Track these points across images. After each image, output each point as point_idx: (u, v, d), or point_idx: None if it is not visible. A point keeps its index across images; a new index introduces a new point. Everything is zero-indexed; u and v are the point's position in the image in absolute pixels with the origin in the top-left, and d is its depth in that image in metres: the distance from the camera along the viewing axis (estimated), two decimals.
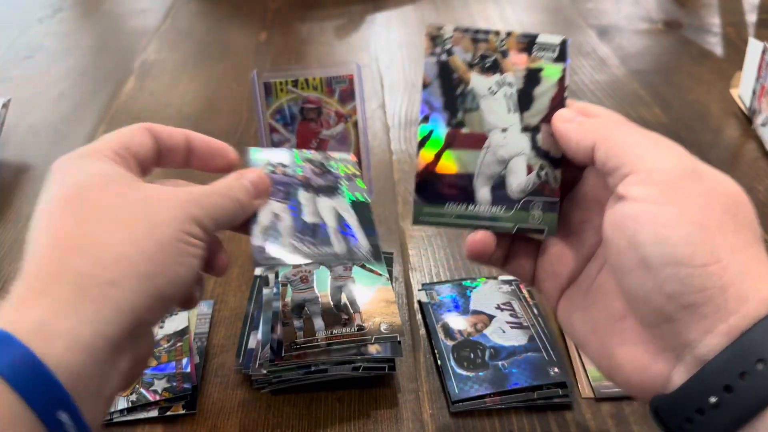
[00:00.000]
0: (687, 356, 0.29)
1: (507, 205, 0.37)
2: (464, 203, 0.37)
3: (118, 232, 0.31)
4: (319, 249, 0.41)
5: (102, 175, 0.34)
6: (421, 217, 0.37)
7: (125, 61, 1.02)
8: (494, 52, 0.37)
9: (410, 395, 0.47)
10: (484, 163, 0.37)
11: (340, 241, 0.42)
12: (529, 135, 0.37)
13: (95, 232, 0.31)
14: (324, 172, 0.47)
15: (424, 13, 1.15)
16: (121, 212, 0.32)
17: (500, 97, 0.37)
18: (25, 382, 0.27)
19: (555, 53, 0.37)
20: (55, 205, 0.33)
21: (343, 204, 0.45)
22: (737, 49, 0.98)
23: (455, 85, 0.37)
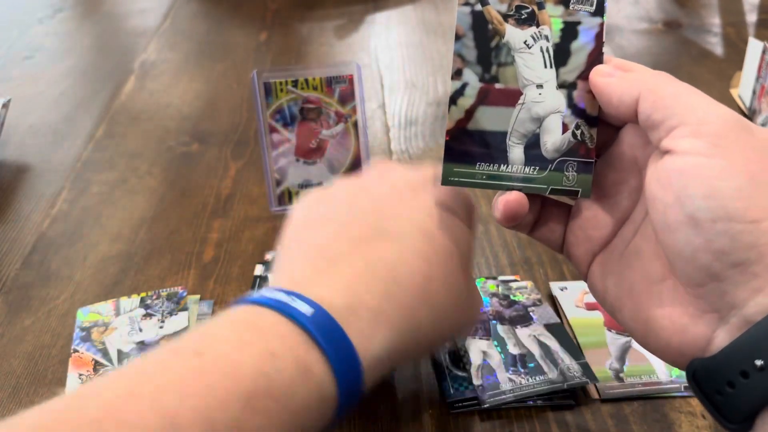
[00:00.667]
0: (733, 317, 0.28)
1: (541, 165, 0.35)
2: (496, 163, 0.36)
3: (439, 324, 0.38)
4: (534, 378, 0.45)
5: None
6: (451, 178, 0.36)
7: (125, 61, 1.02)
8: (531, 3, 0.35)
9: (410, 395, 0.47)
10: (518, 121, 0.35)
11: (551, 367, 0.46)
12: (566, 92, 0.35)
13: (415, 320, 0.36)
14: (511, 303, 0.52)
15: (424, 13, 1.15)
16: None
17: (536, 51, 0.35)
18: (346, 388, 0.32)
19: (593, 6, 0.35)
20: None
21: (540, 330, 0.49)
22: (737, 49, 0.98)
23: (490, 37, 0.35)
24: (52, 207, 0.69)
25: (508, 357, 0.48)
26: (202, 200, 0.69)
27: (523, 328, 0.50)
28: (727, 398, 0.28)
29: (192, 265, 0.60)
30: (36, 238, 0.64)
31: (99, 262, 0.61)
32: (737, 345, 0.27)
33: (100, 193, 0.71)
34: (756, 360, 0.26)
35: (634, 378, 0.47)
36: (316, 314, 0.31)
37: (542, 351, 0.48)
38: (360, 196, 0.40)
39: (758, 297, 0.27)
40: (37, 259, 0.61)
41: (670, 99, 0.31)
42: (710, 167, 0.28)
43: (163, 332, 0.52)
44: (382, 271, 0.35)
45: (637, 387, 0.47)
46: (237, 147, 0.79)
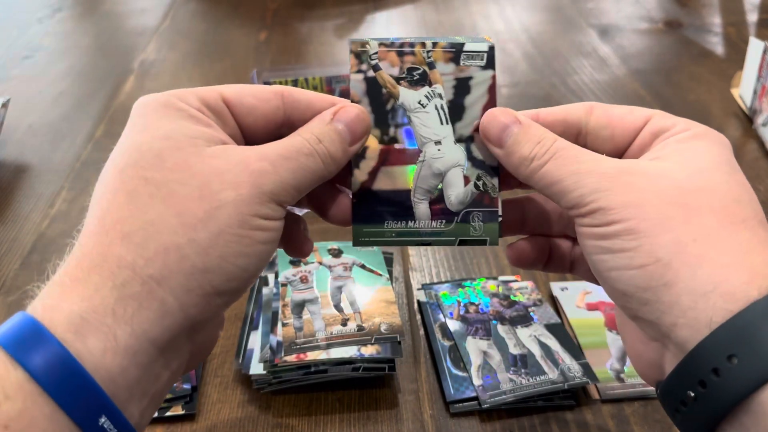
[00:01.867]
0: (669, 345, 0.29)
1: (447, 218, 0.36)
2: (403, 220, 0.36)
3: (170, 217, 0.27)
4: (535, 378, 0.46)
5: (170, 138, 0.29)
6: (361, 238, 0.36)
7: (125, 60, 1.02)
8: (421, 64, 0.35)
9: (410, 396, 0.47)
10: (420, 178, 0.36)
11: (552, 367, 0.46)
12: (464, 145, 0.36)
13: (146, 213, 0.27)
14: (511, 303, 0.52)
15: (425, 13, 1.15)
16: (179, 189, 0.27)
17: (431, 109, 0.36)
18: (61, 387, 0.24)
19: (483, 60, 0.35)
20: (114, 172, 0.28)
21: (540, 330, 0.50)
22: (738, 48, 0.98)
23: (385, 101, 0.35)
24: (51, 207, 0.69)
25: (509, 357, 0.48)
26: None
27: (524, 328, 0.50)
28: (681, 421, 0.29)
29: None
30: (35, 237, 0.64)
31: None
32: (673, 375, 0.29)
33: None
34: (688, 391, 0.27)
35: (634, 378, 0.47)
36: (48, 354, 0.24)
37: (542, 351, 0.48)
38: None
39: (677, 330, 0.28)
40: (36, 259, 0.61)
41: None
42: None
43: None
44: None
45: (638, 387, 0.46)
46: None
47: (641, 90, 0.88)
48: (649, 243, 0.28)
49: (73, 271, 0.27)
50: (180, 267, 0.27)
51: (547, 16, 1.14)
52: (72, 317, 0.25)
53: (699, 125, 0.33)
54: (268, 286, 0.53)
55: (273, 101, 0.32)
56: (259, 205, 0.28)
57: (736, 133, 0.77)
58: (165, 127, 0.29)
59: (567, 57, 0.98)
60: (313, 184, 0.31)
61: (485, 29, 1.09)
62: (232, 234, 0.27)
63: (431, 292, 0.55)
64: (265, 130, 0.33)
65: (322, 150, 0.31)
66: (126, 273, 0.26)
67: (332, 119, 0.32)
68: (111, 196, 0.28)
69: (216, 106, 0.31)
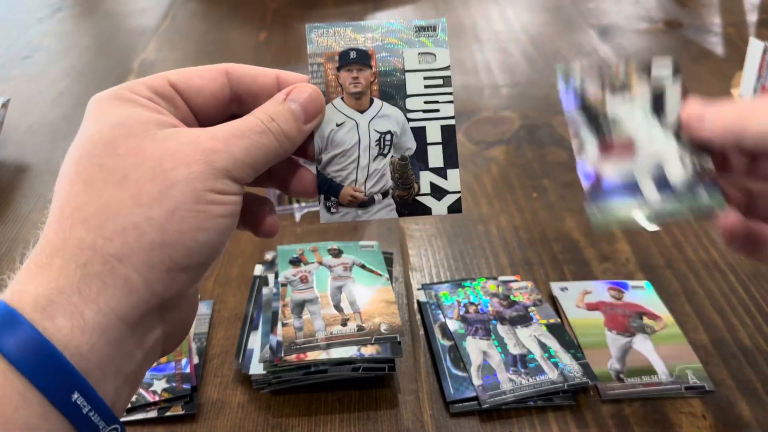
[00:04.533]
0: None
1: (673, 195, 0.39)
2: (635, 200, 0.39)
3: (125, 199, 0.28)
4: (535, 378, 0.46)
5: (122, 125, 0.29)
6: (599, 222, 0.39)
7: (125, 60, 1.02)
8: (619, 78, 0.40)
9: (410, 396, 0.47)
10: (640, 164, 0.40)
11: (551, 367, 0.47)
12: (672, 132, 0.39)
13: (102, 198, 0.28)
14: (511, 303, 0.52)
15: (425, 13, 1.15)
16: (133, 172, 0.28)
17: (636, 109, 0.40)
18: (32, 364, 0.25)
19: (670, 71, 0.39)
20: (70, 163, 0.29)
21: (540, 330, 0.50)
22: (738, 48, 0.98)
23: (595, 109, 0.40)
24: None
25: (508, 357, 0.48)
26: None
27: (524, 328, 0.50)
28: None
29: None
30: (35, 237, 0.64)
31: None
32: None
33: None
34: None
35: (634, 378, 0.47)
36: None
37: (542, 351, 0.48)
38: None
39: None
40: None
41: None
42: None
43: None
44: None
45: (638, 387, 0.46)
46: None
47: None
48: None
49: (37, 258, 0.28)
50: (140, 244, 0.27)
51: (547, 16, 1.14)
52: (39, 298, 0.26)
53: None
54: (268, 286, 0.53)
55: (218, 79, 0.33)
56: (212, 180, 0.29)
57: None
58: (116, 117, 0.30)
59: (567, 57, 0.98)
60: (268, 161, 0.31)
61: (485, 29, 1.09)
62: (187, 210, 0.28)
63: (431, 292, 0.55)
64: (215, 109, 0.33)
65: (275, 128, 0.31)
66: (87, 253, 0.27)
67: (285, 98, 0.33)
68: (69, 186, 0.29)
69: (165, 92, 0.32)
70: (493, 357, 0.48)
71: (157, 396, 0.47)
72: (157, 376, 0.48)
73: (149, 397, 0.46)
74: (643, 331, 0.51)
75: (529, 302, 0.53)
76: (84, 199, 0.28)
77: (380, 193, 0.36)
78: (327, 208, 0.36)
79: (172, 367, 0.49)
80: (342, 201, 0.36)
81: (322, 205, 0.36)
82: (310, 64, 0.36)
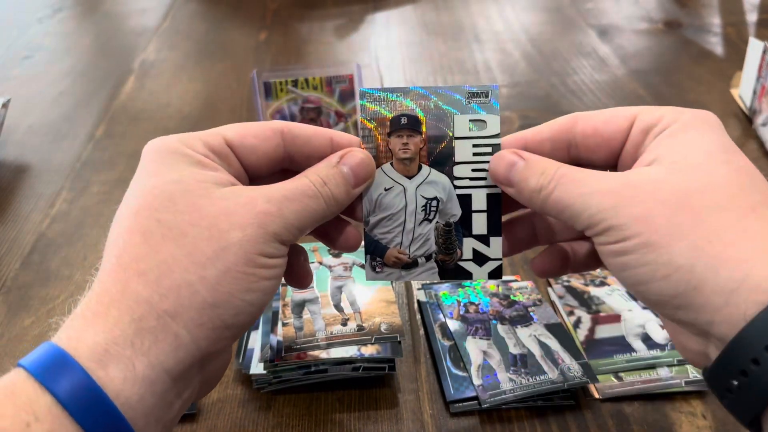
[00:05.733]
0: (711, 338, 0.30)
1: (658, 348, 0.48)
2: (627, 353, 0.48)
3: (182, 256, 0.29)
4: (536, 378, 0.46)
5: (180, 182, 0.30)
6: (598, 372, 0.47)
7: (125, 60, 1.02)
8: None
9: (410, 395, 0.47)
10: (627, 328, 0.50)
11: (551, 367, 0.47)
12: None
13: (159, 254, 0.29)
14: (511, 303, 0.53)
15: (424, 13, 1.15)
16: (190, 230, 0.29)
17: (615, 295, 0.52)
18: (85, 411, 0.26)
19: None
20: (129, 214, 0.30)
21: (540, 330, 0.50)
22: (737, 49, 0.98)
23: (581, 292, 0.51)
24: (51, 207, 0.69)
25: (508, 357, 0.48)
26: None
27: (524, 328, 0.50)
28: (729, 404, 0.29)
29: None
30: (35, 238, 0.64)
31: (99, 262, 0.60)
32: (719, 364, 0.29)
33: (100, 193, 0.71)
34: (731, 380, 0.28)
35: (633, 376, 0.47)
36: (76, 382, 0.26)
37: (542, 351, 0.48)
38: None
39: (714, 327, 0.29)
40: (36, 259, 0.61)
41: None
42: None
43: None
44: None
45: (637, 385, 0.47)
46: None
47: (641, 90, 0.88)
48: (666, 253, 0.29)
49: (94, 306, 0.29)
50: (191, 302, 0.28)
51: (547, 16, 1.14)
52: (95, 347, 0.27)
53: (686, 112, 0.33)
54: None
55: (273, 139, 0.34)
56: (263, 244, 0.30)
57: (736, 133, 0.77)
58: (175, 172, 0.31)
59: (567, 57, 0.98)
60: (315, 223, 0.33)
61: (485, 29, 1.09)
62: (238, 271, 0.29)
63: (431, 291, 0.55)
64: (267, 167, 0.35)
65: (326, 192, 0.32)
66: (143, 308, 0.28)
67: (339, 162, 0.34)
68: (127, 236, 0.30)
69: (220, 150, 0.33)
70: (493, 357, 0.48)
71: None
72: None
73: None
74: None
75: (529, 302, 0.53)
76: (142, 252, 0.29)
77: (424, 257, 0.37)
78: (372, 268, 0.37)
79: None
80: (387, 262, 0.37)
81: (368, 264, 0.37)
82: (361, 129, 0.36)
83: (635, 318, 0.51)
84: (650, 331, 0.50)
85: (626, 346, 0.49)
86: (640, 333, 0.50)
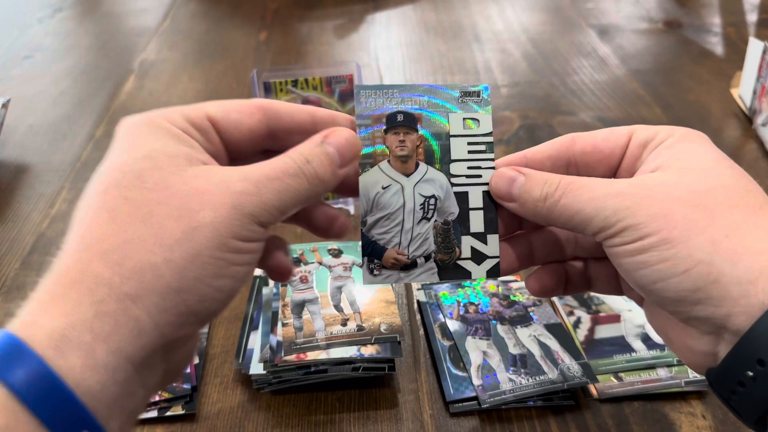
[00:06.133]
0: (725, 334, 0.30)
1: (658, 348, 0.49)
2: (627, 353, 0.48)
3: (148, 236, 0.27)
4: (535, 378, 0.46)
5: (151, 158, 0.29)
6: (598, 372, 0.47)
7: (125, 60, 1.02)
8: None
9: (410, 395, 0.47)
10: (626, 328, 0.50)
11: (551, 367, 0.46)
12: None
13: (125, 233, 0.27)
14: (510, 303, 0.53)
15: (424, 13, 1.15)
16: (158, 209, 0.27)
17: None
18: (42, 401, 0.24)
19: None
20: (96, 192, 0.28)
21: (540, 330, 0.50)
22: (737, 48, 0.98)
23: None
24: (51, 207, 0.69)
25: (508, 357, 0.48)
26: None
27: (523, 328, 0.50)
28: (737, 402, 0.30)
29: None
30: (35, 238, 0.64)
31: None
32: (730, 359, 0.30)
33: None
34: (746, 371, 0.29)
35: (633, 376, 0.47)
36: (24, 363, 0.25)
37: (542, 351, 0.48)
38: None
39: (731, 320, 0.29)
40: (36, 259, 0.61)
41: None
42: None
43: None
44: None
45: (637, 385, 0.47)
46: None
47: (641, 90, 0.88)
48: (685, 248, 0.30)
49: (52, 288, 0.27)
50: (155, 286, 0.27)
51: (547, 16, 1.14)
52: (52, 333, 0.25)
53: (678, 128, 0.34)
54: (268, 286, 0.53)
55: (255, 115, 0.33)
56: (238, 227, 0.28)
57: (736, 133, 0.77)
58: (147, 147, 0.29)
59: (567, 57, 0.98)
60: (298, 204, 0.31)
61: (485, 29, 1.09)
62: (208, 256, 0.27)
63: (431, 292, 0.55)
64: (249, 145, 0.33)
65: (309, 171, 0.31)
66: (103, 290, 0.26)
67: (323, 141, 0.32)
68: (93, 215, 0.28)
69: (200, 124, 0.31)
70: (492, 357, 0.48)
71: (158, 396, 0.47)
72: None
73: None
74: None
75: (529, 302, 0.53)
76: (107, 231, 0.27)
77: (423, 257, 0.37)
78: (370, 270, 0.37)
79: None
80: (385, 264, 0.37)
81: (365, 267, 0.37)
82: (358, 125, 0.36)
83: (635, 318, 0.51)
84: (650, 331, 0.50)
85: (626, 346, 0.49)
86: (639, 333, 0.50)
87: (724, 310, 0.29)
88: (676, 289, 0.30)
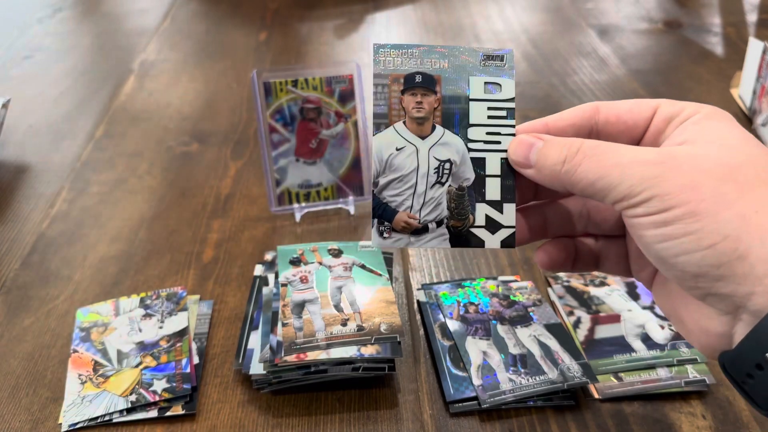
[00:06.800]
0: (743, 314, 0.30)
1: (658, 348, 0.49)
2: (627, 353, 0.48)
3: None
4: (535, 378, 0.46)
5: None
6: (598, 372, 0.47)
7: (125, 60, 1.02)
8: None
9: (410, 395, 0.47)
10: (626, 328, 0.50)
11: (551, 367, 0.46)
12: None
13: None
14: (511, 303, 0.52)
15: (424, 13, 1.15)
16: None
17: (615, 296, 0.53)
18: None
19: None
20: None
21: (540, 330, 0.50)
22: (737, 48, 0.98)
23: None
24: (51, 207, 0.69)
25: (508, 357, 0.48)
26: (202, 200, 0.69)
27: (523, 328, 0.50)
28: (752, 386, 0.29)
29: (191, 265, 0.60)
30: (35, 238, 0.64)
31: (98, 262, 0.61)
32: (748, 341, 0.29)
33: (100, 193, 0.71)
34: (767, 353, 0.28)
35: (633, 376, 0.47)
36: None
37: (542, 351, 0.48)
38: None
39: (753, 299, 0.29)
40: (36, 259, 0.61)
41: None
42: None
43: (162, 332, 0.52)
44: None
45: (637, 385, 0.47)
46: (237, 147, 0.78)
47: (641, 90, 0.88)
48: (713, 221, 0.29)
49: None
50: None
51: (547, 16, 1.14)
52: None
53: (705, 106, 0.34)
54: (268, 286, 0.53)
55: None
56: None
57: None
58: None
59: (567, 57, 0.98)
60: None
61: (485, 29, 1.09)
62: None
63: (431, 292, 0.55)
64: None
65: None
66: None
67: None
68: None
69: None
70: (492, 357, 0.48)
71: (157, 396, 0.47)
72: (157, 376, 0.48)
73: (149, 397, 0.46)
74: None
75: (529, 302, 0.53)
76: None
77: (434, 222, 0.36)
78: (380, 233, 0.36)
79: (172, 367, 0.49)
80: (395, 227, 0.36)
81: (375, 229, 0.36)
82: (375, 85, 0.35)
83: (635, 318, 0.51)
84: (650, 331, 0.50)
85: (626, 346, 0.49)
86: (639, 333, 0.50)
87: (746, 289, 0.28)
88: (698, 264, 0.29)
